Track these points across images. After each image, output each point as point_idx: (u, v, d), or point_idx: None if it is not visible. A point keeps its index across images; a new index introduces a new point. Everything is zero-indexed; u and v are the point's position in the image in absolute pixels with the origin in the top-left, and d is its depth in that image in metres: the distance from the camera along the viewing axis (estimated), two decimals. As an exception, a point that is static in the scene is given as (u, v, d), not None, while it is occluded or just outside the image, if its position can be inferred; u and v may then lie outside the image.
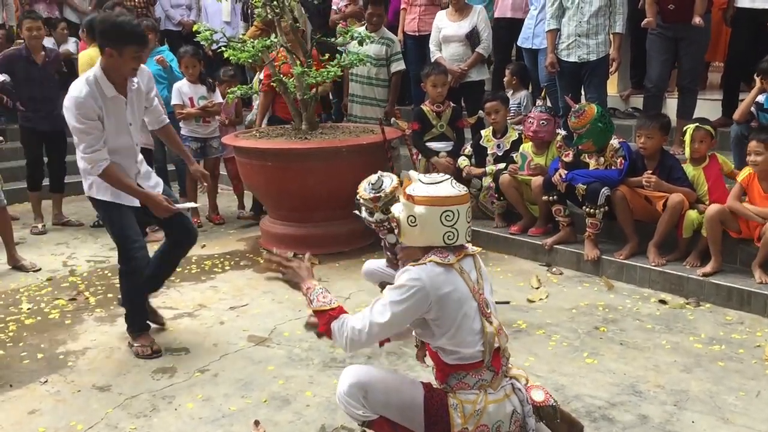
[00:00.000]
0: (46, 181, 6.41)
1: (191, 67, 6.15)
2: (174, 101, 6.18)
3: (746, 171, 4.41)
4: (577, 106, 4.88)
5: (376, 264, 3.96)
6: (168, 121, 4.08)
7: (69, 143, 6.25)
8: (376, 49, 6.06)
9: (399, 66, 6.19)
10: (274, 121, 6.15)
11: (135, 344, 3.78)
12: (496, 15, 6.95)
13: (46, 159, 6.34)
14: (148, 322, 3.93)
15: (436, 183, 2.48)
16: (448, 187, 2.47)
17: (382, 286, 4.11)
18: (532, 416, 2.56)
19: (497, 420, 2.48)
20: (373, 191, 3.41)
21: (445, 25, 6.24)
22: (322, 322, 2.47)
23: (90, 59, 5.99)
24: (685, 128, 4.75)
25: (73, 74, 6.41)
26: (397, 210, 2.56)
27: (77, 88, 3.47)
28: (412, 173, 2.59)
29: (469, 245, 2.57)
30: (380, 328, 2.40)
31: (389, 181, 3.44)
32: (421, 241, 2.48)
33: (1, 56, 6.14)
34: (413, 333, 2.66)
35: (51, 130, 6.08)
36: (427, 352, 2.60)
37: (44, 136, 6.13)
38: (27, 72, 5.94)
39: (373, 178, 3.49)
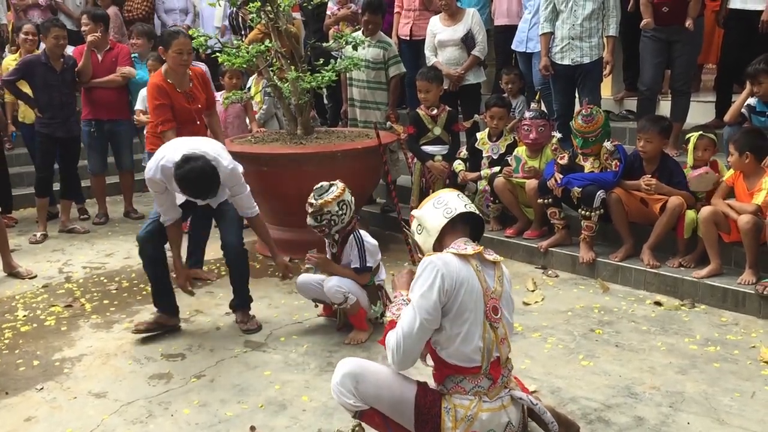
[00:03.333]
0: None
1: None
2: None
3: (732, 170, 4.47)
4: (589, 109, 4.89)
5: (311, 278, 4.01)
6: None
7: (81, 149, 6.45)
8: (373, 53, 6.05)
9: (397, 70, 6.16)
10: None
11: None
12: (495, 22, 7.03)
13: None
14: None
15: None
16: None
17: (316, 302, 4.15)
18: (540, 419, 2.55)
19: (489, 429, 2.46)
20: (314, 198, 3.81)
21: (440, 30, 6.23)
22: (385, 332, 2.53)
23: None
24: (688, 136, 4.73)
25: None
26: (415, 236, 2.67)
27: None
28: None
29: (492, 254, 2.60)
30: (417, 327, 2.39)
31: (333, 189, 3.79)
32: (433, 235, 2.56)
33: (20, 61, 6.18)
34: None
35: (67, 136, 6.13)
36: (428, 352, 2.61)
37: (60, 143, 6.14)
38: (45, 78, 5.94)
39: (324, 184, 3.85)
